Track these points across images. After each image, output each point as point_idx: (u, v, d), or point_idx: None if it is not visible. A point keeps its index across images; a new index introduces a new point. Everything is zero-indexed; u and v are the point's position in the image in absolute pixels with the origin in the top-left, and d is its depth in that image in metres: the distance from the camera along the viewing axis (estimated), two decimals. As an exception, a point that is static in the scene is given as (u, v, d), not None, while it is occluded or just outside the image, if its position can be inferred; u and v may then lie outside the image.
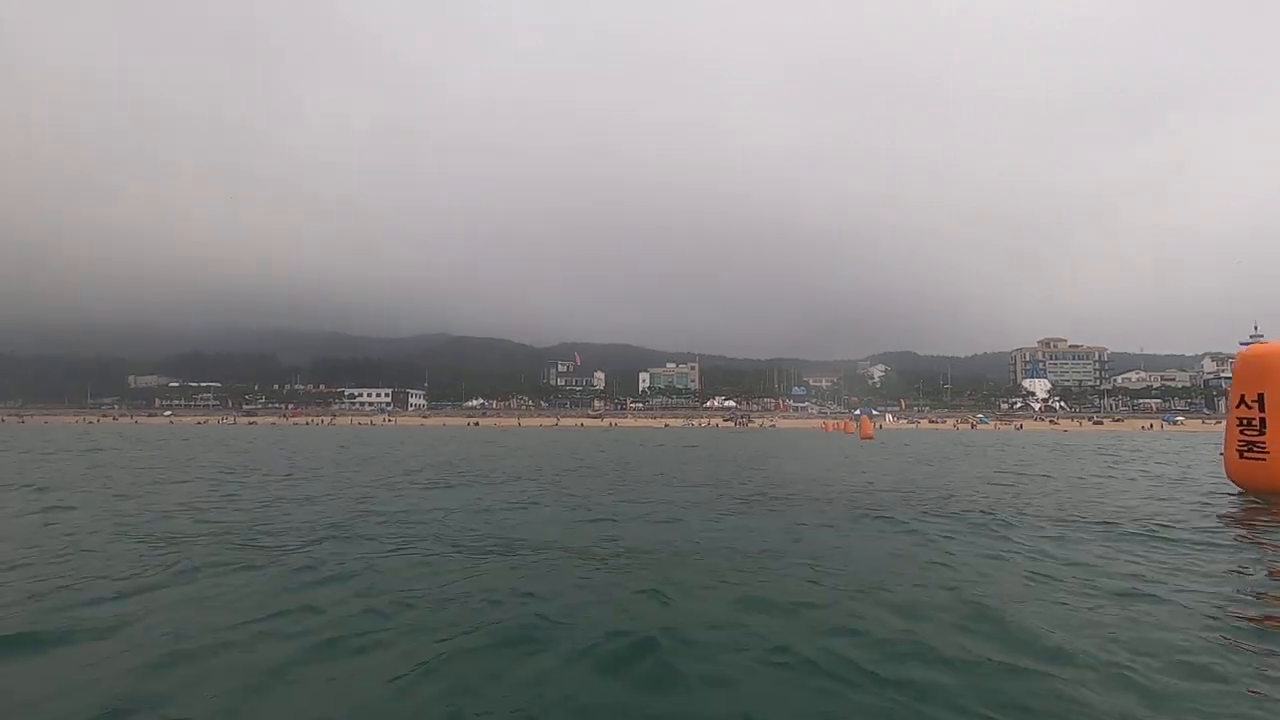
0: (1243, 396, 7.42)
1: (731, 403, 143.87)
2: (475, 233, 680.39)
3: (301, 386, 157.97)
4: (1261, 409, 7.28)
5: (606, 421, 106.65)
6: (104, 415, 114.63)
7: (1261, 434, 7.32)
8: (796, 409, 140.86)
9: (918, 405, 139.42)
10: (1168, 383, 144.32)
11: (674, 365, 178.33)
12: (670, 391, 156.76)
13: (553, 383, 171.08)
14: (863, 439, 38.23)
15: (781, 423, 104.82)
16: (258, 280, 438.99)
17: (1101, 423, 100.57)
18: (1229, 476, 8.00)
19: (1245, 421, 7.43)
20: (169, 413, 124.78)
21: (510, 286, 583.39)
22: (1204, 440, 35.84)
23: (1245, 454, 7.54)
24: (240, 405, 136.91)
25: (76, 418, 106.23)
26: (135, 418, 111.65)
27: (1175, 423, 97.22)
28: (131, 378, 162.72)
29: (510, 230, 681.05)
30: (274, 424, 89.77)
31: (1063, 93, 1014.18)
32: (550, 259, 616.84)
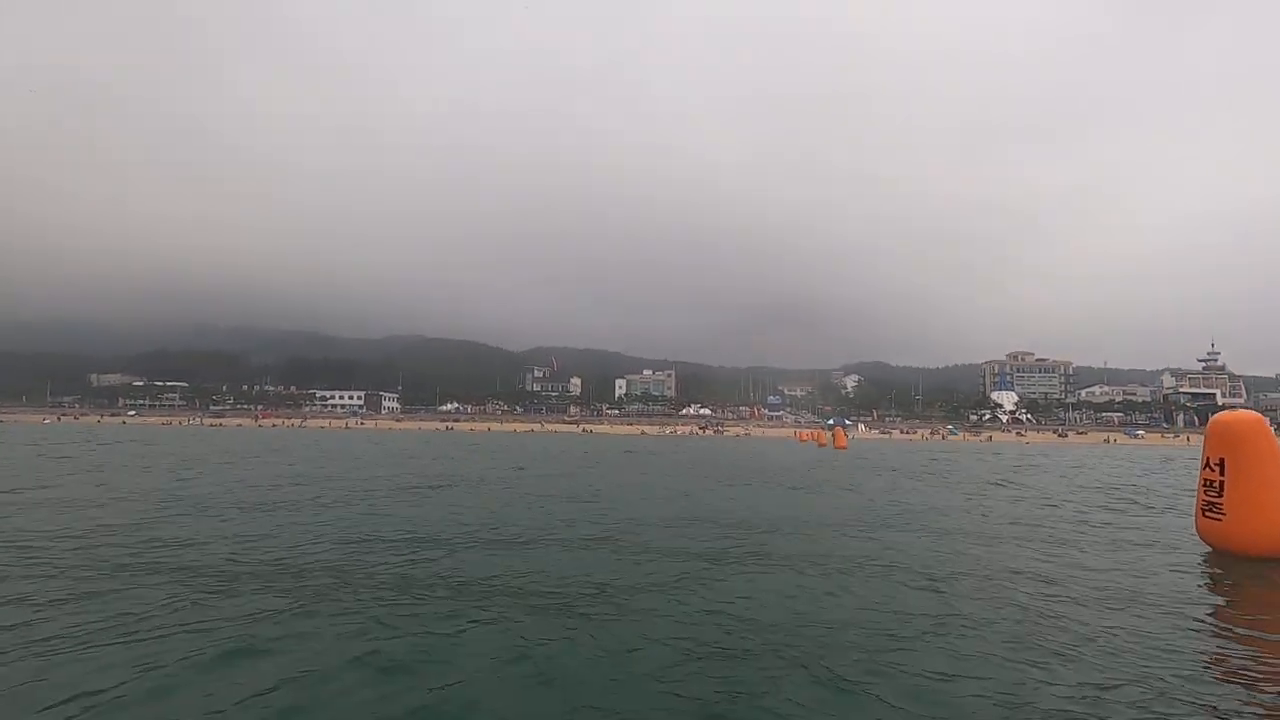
0: (1208, 459, 7.87)
1: (707, 410, 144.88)
2: (449, 235, 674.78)
3: (272, 388, 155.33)
4: (1222, 473, 7.73)
5: (580, 428, 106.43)
6: (65, 414, 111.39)
7: (1220, 496, 7.77)
8: (771, 417, 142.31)
9: (889, 415, 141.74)
10: (1129, 397, 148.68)
11: (650, 372, 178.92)
12: (647, 399, 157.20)
13: (529, 388, 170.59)
14: (836, 449, 39.07)
15: (756, 431, 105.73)
16: (226, 279, 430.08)
17: (1065, 435, 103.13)
18: (1198, 534, 8.38)
19: (1208, 483, 7.85)
20: (133, 412, 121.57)
21: (485, 290, 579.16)
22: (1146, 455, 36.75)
23: (1207, 513, 7.97)
24: (208, 406, 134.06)
25: (38, 416, 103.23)
26: (102, 416, 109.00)
27: (1136, 436, 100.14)
28: (94, 375, 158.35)
29: (485, 233, 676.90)
30: (240, 426, 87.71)
31: (998, 110, 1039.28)
32: (525, 263, 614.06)
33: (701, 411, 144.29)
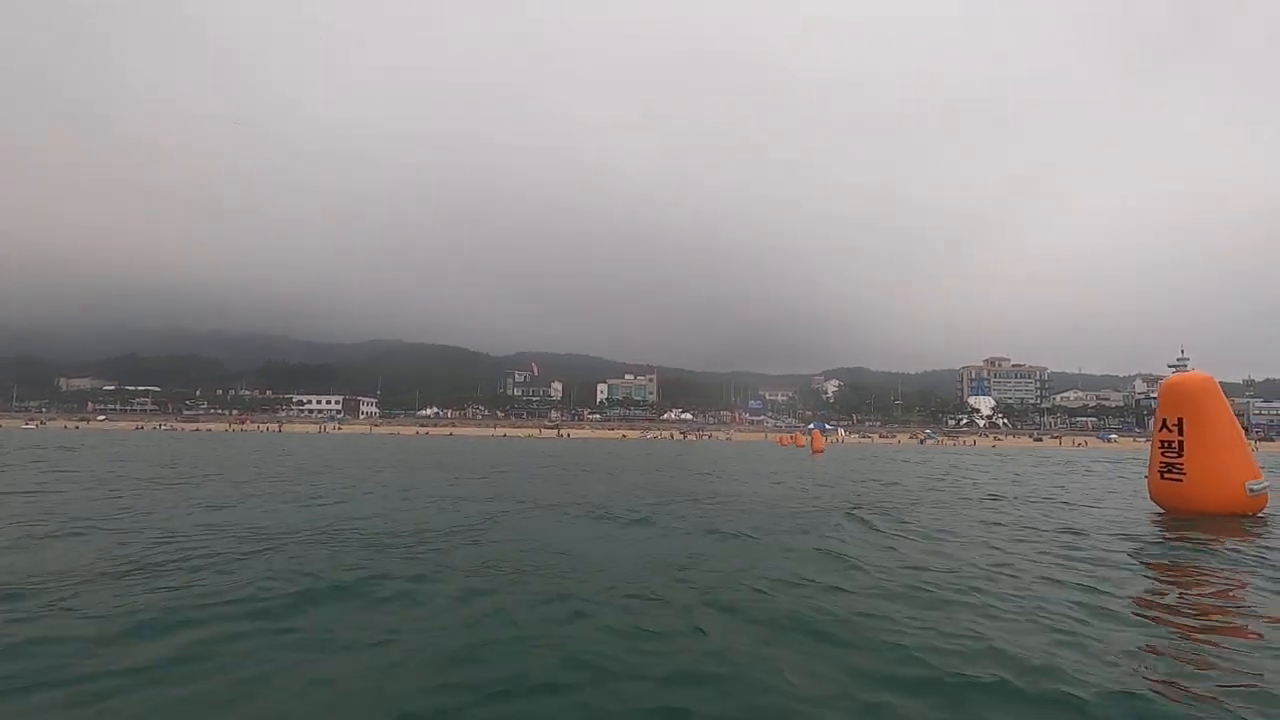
0: (1164, 420, 7.94)
1: (688, 415, 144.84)
2: (431, 244, 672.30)
3: (247, 392, 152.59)
4: (1180, 432, 7.76)
5: (559, 432, 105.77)
6: (31, 419, 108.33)
7: (1180, 456, 7.81)
8: (753, 422, 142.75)
9: (869, 420, 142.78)
10: (1103, 402, 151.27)
11: (632, 377, 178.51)
12: (628, 403, 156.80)
13: (510, 393, 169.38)
14: (814, 454, 34.99)
15: (737, 436, 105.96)
16: (199, 282, 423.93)
17: (1041, 439, 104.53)
18: (1151, 497, 8.44)
19: (1166, 444, 7.92)
20: (102, 416, 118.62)
21: (467, 294, 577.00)
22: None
23: (1165, 474, 8.01)
24: (181, 410, 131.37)
25: (13, 421, 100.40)
26: (85, 421, 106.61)
27: (1109, 440, 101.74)
28: (62, 380, 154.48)
29: (470, 233, 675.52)
30: (209, 431, 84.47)
31: (939, 108, 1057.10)
32: (508, 269, 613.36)
33: (683, 416, 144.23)
